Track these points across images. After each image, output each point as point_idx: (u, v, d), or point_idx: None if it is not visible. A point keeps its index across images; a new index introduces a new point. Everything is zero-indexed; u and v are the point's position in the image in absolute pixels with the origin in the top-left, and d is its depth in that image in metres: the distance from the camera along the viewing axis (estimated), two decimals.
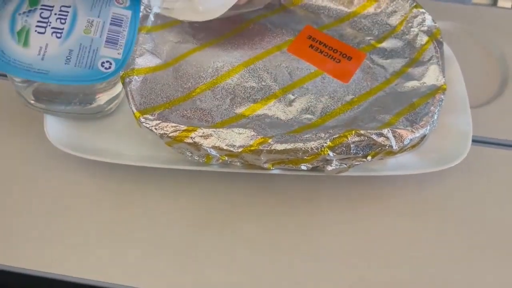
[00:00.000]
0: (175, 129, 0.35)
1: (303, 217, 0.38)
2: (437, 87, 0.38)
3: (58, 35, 0.36)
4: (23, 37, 0.36)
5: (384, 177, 0.40)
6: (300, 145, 0.35)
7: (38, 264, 0.36)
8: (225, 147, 0.35)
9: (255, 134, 0.35)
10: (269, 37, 0.42)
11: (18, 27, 0.36)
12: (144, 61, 0.39)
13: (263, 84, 0.40)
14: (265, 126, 0.37)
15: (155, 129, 0.36)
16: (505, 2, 0.53)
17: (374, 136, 0.35)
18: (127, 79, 0.37)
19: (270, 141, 0.35)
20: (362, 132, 0.35)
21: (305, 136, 0.35)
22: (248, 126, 0.36)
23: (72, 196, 0.39)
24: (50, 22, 0.36)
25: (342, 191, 0.40)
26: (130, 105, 0.37)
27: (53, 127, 0.40)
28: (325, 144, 0.35)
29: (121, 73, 0.38)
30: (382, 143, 0.35)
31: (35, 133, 0.41)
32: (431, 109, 0.37)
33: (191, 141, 0.35)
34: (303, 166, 0.36)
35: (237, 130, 0.36)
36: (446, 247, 0.37)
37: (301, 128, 0.37)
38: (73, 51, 0.36)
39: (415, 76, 0.39)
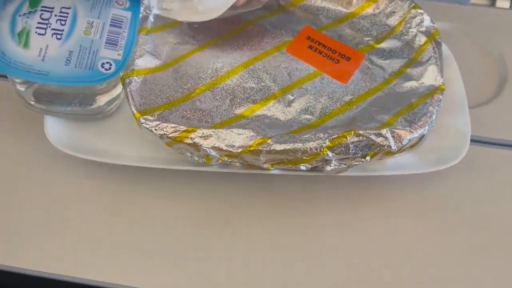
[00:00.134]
0: (174, 129, 0.36)
1: (302, 217, 0.39)
2: (436, 87, 0.38)
3: (59, 36, 0.36)
4: (23, 38, 0.36)
5: (383, 177, 0.40)
6: (299, 145, 0.35)
7: (37, 264, 0.36)
8: (225, 148, 0.35)
9: (254, 134, 0.36)
10: (268, 38, 0.42)
11: (18, 28, 0.36)
12: (144, 62, 0.39)
13: (262, 84, 0.40)
14: (265, 127, 0.37)
15: (155, 129, 0.36)
16: (503, 3, 0.53)
17: (372, 136, 0.35)
18: (127, 80, 0.38)
19: (270, 141, 0.35)
20: (361, 132, 0.35)
21: (304, 137, 0.35)
22: (247, 126, 0.37)
23: (72, 196, 0.39)
24: (50, 23, 0.37)
25: (342, 191, 0.40)
26: (130, 106, 0.37)
27: (53, 128, 0.40)
28: (324, 145, 0.35)
29: (121, 74, 0.38)
30: (381, 143, 0.35)
31: (36, 134, 0.41)
32: (430, 109, 0.37)
33: (190, 141, 0.35)
34: (302, 166, 0.37)
35: (236, 130, 0.36)
36: (445, 247, 0.37)
37: (300, 128, 0.37)
38: (73, 52, 0.36)
39: (413, 77, 0.40)
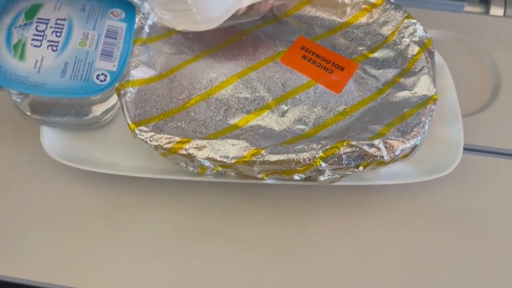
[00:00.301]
0: (169, 140, 0.36)
1: (297, 225, 0.39)
2: (428, 97, 0.39)
3: (54, 48, 0.37)
4: (19, 50, 0.36)
5: (377, 186, 0.40)
6: (292, 156, 0.35)
7: (31, 274, 0.36)
8: (219, 158, 0.35)
9: (248, 145, 0.36)
10: (262, 48, 0.42)
11: (14, 40, 0.36)
12: (139, 73, 0.39)
13: (257, 95, 0.40)
14: (259, 137, 0.37)
15: (150, 140, 0.36)
16: (497, 10, 0.53)
17: (365, 147, 0.35)
18: (122, 91, 0.38)
19: (263, 152, 0.35)
20: (353, 143, 0.35)
21: (297, 147, 0.36)
22: (241, 137, 0.37)
23: (68, 206, 0.39)
24: (46, 35, 0.37)
25: (336, 200, 0.40)
26: (125, 117, 0.37)
27: (50, 138, 0.40)
28: (317, 155, 0.35)
29: (116, 85, 0.38)
30: (374, 154, 0.35)
31: (32, 144, 0.41)
32: (422, 119, 0.37)
33: (185, 152, 0.36)
34: (296, 176, 0.37)
35: (230, 141, 0.36)
36: (439, 255, 0.38)
37: (294, 138, 0.37)
38: (68, 64, 0.36)
39: (406, 86, 0.40)
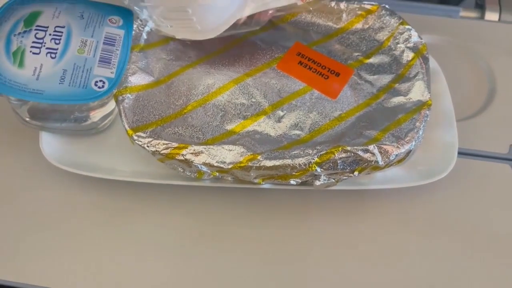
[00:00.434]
0: (166, 146, 0.36)
1: (294, 229, 0.39)
2: (423, 102, 0.39)
3: (53, 55, 0.37)
4: (18, 57, 0.37)
5: (372, 190, 0.41)
6: (288, 161, 0.36)
7: (29, 278, 0.37)
8: (216, 164, 0.36)
9: (245, 150, 0.36)
10: (259, 54, 0.43)
11: (13, 47, 0.37)
12: (137, 79, 0.40)
13: (253, 100, 0.40)
14: (255, 143, 0.38)
15: (147, 146, 0.36)
16: (492, 16, 0.53)
17: (360, 152, 0.36)
18: (120, 98, 0.38)
19: (259, 157, 0.36)
20: (348, 148, 0.36)
21: (293, 153, 0.36)
22: (238, 142, 0.37)
23: (67, 210, 0.40)
24: (45, 42, 0.37)
25: (332, 204, 0.40)
26: (123, 123, 0.38)
27: (48, 143, 0.40)
28: (313, 160, 0.35)
29: (114, 91, 0.38)
30: (368, 159, 0.36)
31: (31, 149, 0.42)
32: (417, 124, 0.38)
33: (182, 158, 0.36)
34: (292, 181, 0.37)
35: (227, 147, 0.37)
36: (434, 258, 0.38)
37: (290, 144, 0.38)
38: (67, 71, 0.37)
39: (401, 92, 0.40)
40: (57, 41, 0.38)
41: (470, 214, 0.40)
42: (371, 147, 0.36)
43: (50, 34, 0.38)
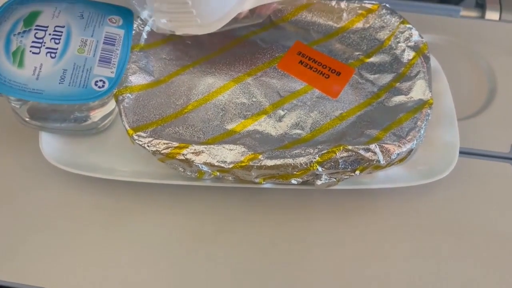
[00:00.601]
0: (167, 146, 0.36)
1: (295, 229, 0.39)
2: (424, 101, 0.39)
3: (53, 55, 0.37)
4: (18, 57, 0.37)
5: (374, 190, 0.41)
6: (289, 160, 0.35)
7: (30, 279, 0.37)
8: (216, 163, 0.36)
9: (245, 150, 0.36)
10: (259, 53, 0.43)
11: (13, 47, 0.37)
12: (137, 79, 0.40)
13: (254, 100, 0.40)
14: (256, 142, 0.37)
15: (148, 146, 0.36)
16: (492, 15, 0.53)
17: (361, 151, 0.35)
18: (120, 97, 0.38)
19: (260, 157, 0.36)
20: (350, 147, 0.35)
21: (294, 152, 0.36)
22: (239, 142, 0.37)
23: (67, 210, 0.40)
24: (45, 42, 0.37)
25: (333, 204, 0.40)
26: (123, 122, 0.37)
27: (48, 143, 0.40)
28: (314, 160, 0.35)
29: (114, 91, 0.38)
30: (370, 158, 0.36)
31: (31, 149, 0.41)
32: (418, 123, 0.38)
33: (183, 157, 0.36)
34: (293, 180, 0.37)
35: (228, 146, 0.36)
36: (435, 258, 0.38)
37: (291, 143, 0.38)
38: (67, 71, 0.37)
39: (402, 91, 0.40)
40: (57, 41, 0.37)
41: (472, 213, 0.40)
42: (372, 146, 0.36)
43: (50, 34, 0.38)
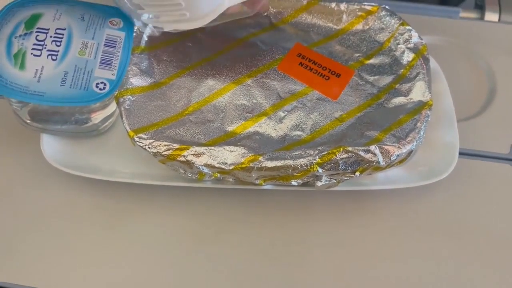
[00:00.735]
0: (168, 148, 0.36)
1: (295, 230, 0.39)
2: (424, 103, 0.39)
3: (54, 57, 0.37)
4: (19, 60, 0.37)
5: (374, 191, 0.41)
6: (289, 162, 0.36)
7: (30, 280, 0.37)
8: (217, 165, 0.36)
9: (246, 151, 0.36)
10: (259, 55, 0.43)
11: (14, 50, 0.37)
12: (138, 81, 0.40)
13: (254, 102, 0.40)
14: (256, 144, 0.38)
15: (149, 148, 0.36)
16: (492, 16, 0.53)
17: (361, 153, 0.36)
18: (121, 99, 0.38)
19: (261, 158, 0.36)
20: (350, 149, 0.36)
21: (294, 153, 0.36)
22: (239, 143, 0.37)
23: (68, 212, 0.40)
24: (46, 44, 0.37)
25: (334, 204, 0.40)
26: (124, 124, 0.38)
27: (49, 145, 0.40)
28: (314, 161, 0.35)
29: (115, 93, 0.38)
30: (370, 159, 0.36)
31: (32, 151, 0.42)
32: (418, 125, 0.38)
33: (183, 159, 0.36)
34: (293, 182, 0.37)
35: (228, 148, 0.37)
36: (435, 259, 0.38)
37: (291, 145, 0.38)
38: (68, 73, 0.37)
39: (402, 92, 0.40)
40: (58, 43, 0.38)
41: (471, 214, 0.40)
42: (372, 148, 0.36)
43: (51, 36, 0.38)
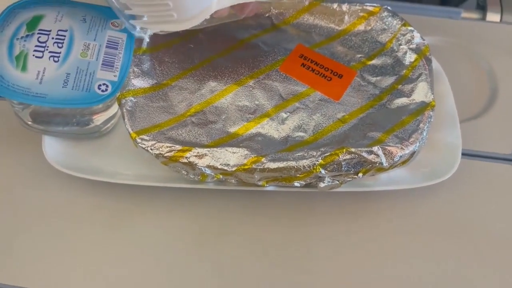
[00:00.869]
0: (170, 149, 0.36)
1: (298, 231, 0.39)
2: (426, 104, 0.39)
3: (56, 59, 0.37)
4: (21, 61, 0.37)
5: (376, 192, 0.41)
6: (292, 163, 0.36)
7: (30, 281, 0.37)
8: (220, 166, 0.36)
9: (248, 153, 0.36)
10: (261, 56, 0.43)
11: (16, 51, 0.37)
12: (140, 82, 0.40)
13: (256, 103, 0.40)
14: (259, 145, 0.38)
15: (151, 149, 0.36)
16: (494, 17, 0.53)
17: (364, 154, 0.35)
18: (123, 101, 0.38)
19: (263, 159, 0.36)
20: (352, 150, 0.35)
21: (297, 155, 0.36)
22: (241, 145, 0.37)
23: (69, 214, 0.40)
24: (48, 46, 0.37)
25: (336, 206, 0.40)
26: (126, 126, 0.37)
27: (51, 146, 0.40)
28: (317, 162, 0.35)
29: (117, 94, 0.38)
30: (373, 161, 0.36)
31: (33, 153, 0.41)
32: (420, 126, 0.38)
33: (186, 160, 0.36)
34: (296, 183, 0.37)
35: (231, 149, 0.36)
36: (438, 260, 0.38)
37: (293, 146, 0.38)
38: (70, 75, 0.37)
39: (404, 93, 0.40)
40: (60, 45, 0.38)
41: (474, 214, 0.40)
42: (375, 149, 0.36)
43: (53, 38, 0.38)
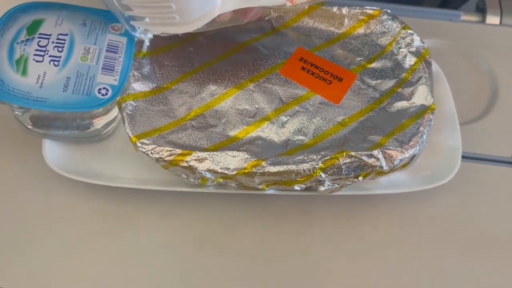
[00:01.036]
0: (170, 153, 0.36)
1: (298, 235, 0.39)
2: (426, 107, 0.39)
3: (56, 63, 0.37)
4: (21, 65, 0.37)
5: (377, 195, 0.41)
6: (292, 167, 0.36)
7: (29, 285, 0.37)
8: (220, 170, 0.36)
9: (248, 157, 0.36)
10: (261, 60, 0.43)
11: (16, 56, 0.37)
12: (140, 86, 0.40)
13: (256, 106, 0.40)
14: (259, 149, 0.38)
15: (151, 153, 0.36)
16: (493, 19, 0.53)
17: (364, 158, 0.35)
18: (123, 105, 0.38)
19: (264, 163, 0.36)
20: (352, 153, 0.35)
21: (297, 158, 0.36)
22: (242, 148, 0.37)
23: (70, 218, 0.40)
24: (48, 50, 0.37)
25: (336, 210, 0.40)
26: (127, 129, 0.37)
27: (51, 150, 0.40)
28: (317, 166, 0.35)
29: (117, 98, 0.38)
30: (373, 164, 0.36)
31: (34, 157, 0.41)
32: (420, 129, 0.38)
33: (186, 164, 0.36)
34: (296, 186, 0.37)
35: (231, 153, 0.36)
36: (438, 263, 0.38)
37: (293, 149, 0.38)
38: (70, 79, 0.37)
39: (404, 97, 0.40)
40: (60, 49, 0.38)
41: (474, 217, 0.40)
42: (375, 152, 0.36)
43: (53, 42, 0.38)
